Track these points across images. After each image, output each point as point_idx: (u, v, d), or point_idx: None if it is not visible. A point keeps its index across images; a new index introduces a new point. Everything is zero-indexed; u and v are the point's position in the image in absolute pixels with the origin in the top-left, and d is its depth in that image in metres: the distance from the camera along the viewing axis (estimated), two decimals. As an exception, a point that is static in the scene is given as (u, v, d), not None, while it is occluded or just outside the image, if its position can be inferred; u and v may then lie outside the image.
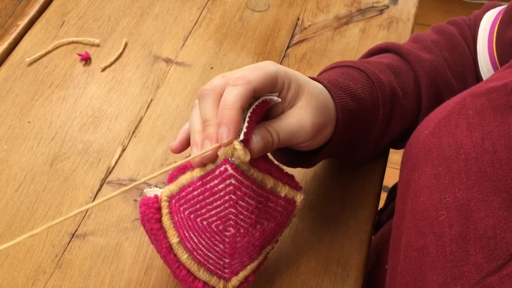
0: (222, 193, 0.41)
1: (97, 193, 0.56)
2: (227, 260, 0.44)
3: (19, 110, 0.63)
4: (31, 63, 0.67)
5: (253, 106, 0.40)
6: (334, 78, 0.48)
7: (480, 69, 0.56)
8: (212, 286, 0.45)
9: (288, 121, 0.42)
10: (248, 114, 0.40)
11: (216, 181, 0.40)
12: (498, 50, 0.54)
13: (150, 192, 0.46)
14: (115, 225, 0.54)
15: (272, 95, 0.42)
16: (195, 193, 0.41)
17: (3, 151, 0.59)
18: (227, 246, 0.43)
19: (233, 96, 0.38)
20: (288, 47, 0.71)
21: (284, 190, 0.43)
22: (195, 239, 0.43)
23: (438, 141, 0.39)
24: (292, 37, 0.72)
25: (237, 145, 0.39)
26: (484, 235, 0.33)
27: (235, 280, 0.45)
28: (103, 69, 0.67)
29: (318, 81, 0.47)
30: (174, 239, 0.43)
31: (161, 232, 0.43)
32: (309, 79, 0.45)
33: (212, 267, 0.44)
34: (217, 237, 0.42)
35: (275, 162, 0.46)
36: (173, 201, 0.43)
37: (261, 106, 0.42)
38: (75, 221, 0.54)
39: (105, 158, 0.59)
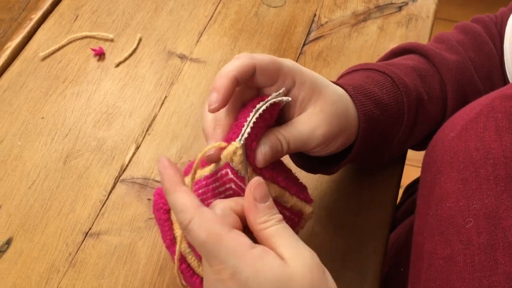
0: (222, 196, 0.40)
1: (110, 191, 0.56)
2: None
3: (33, 106, 0.62)
4: (44, 58, 0.67)
5: (260, 111, 0.39)
6: (359, 83, 0.47)
7: (507, 69, 0.54)
8: None
9: (300, 129, 0.41)
10: (254, 118, 0.38)
11: (217, 183, 0.40)
12: None
13: None
14: (128, 224, 0.54)
15: (279, 94, 0.40)
16: (200, 191, 0.41)
17: (17, 147, 0.59)
18: None
19: (230, 66, 0.38)
20: (304, 44, 0.70)
21: (291, 201, 0.42)
22: None
23: (465, 144, 0.37)
24: (308, 33, 0.71)
25: (237, 150, 0.38)
26: None
27: None
28: (117, 65, 0.66)
29: (341, 86, 0.45)
30: (178, 231, 0.43)
31: (167, 223, 0.43)
32: (329, 82, 0.44)
33: None
34: None
35: (286, 169, 0.45)
36: None
37: (270, 110, 0.40)
38: (89, 220, 0.54)
39: (119, 155, 0.59)
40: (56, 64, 0.66)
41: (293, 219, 0.43)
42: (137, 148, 0.59)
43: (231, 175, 0.39)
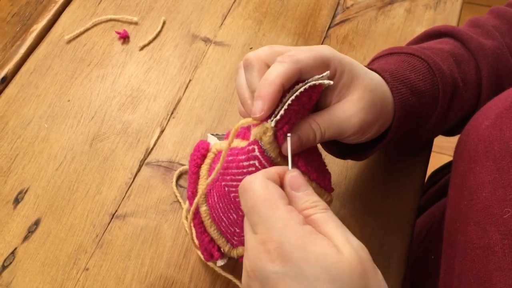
0: (245, 170, 0.40)
1: (136, 174, 0.56)
2: (237, 230, 0.44)
3: (59, 88, 0.63)
4: (69, 41, 0.67)
5: (297, 93, 0.38)
6: (395, 68, 0.45)
7: None
8: (218, 245, 0.45)
9: (337, 116, 0.40)
10: (289, 100, 0.38)
11: (243, 157, 0.40)
12: None
13: (211, 138, 0.47)
14: (154, 207, 0.54)
15: (322, 77, 0.39)
16: (229, 158, 0.42)
17: (44, 130, 0.59)
18: (239, 218, 0.43)
19: (275, 72, 0.37)
20: (329, 28, 0.69)
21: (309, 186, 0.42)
22: (215, 199, 0.43)
23: (500, 133, 0.36)
24: (333, 17, 0.70)
25: (267, 131, 0.38)
26: None
27: (241, 249, 0.45)
28: (141, 48, 0.66)
29: (377, 72, 0.44)
30: (201, 187, 0.44)
31: (194, 177, 0.45)
32: (366, 69, 0.43)
33: (223, 229, 0.44)
34: (232, 206, 0.42)
35: (313, 153, 0.44)
36: (217, 157, 0.44)
37: (310, 92, 0.39)
38: (115, 202, 0.54)
39: (144, 139, 0.59)
40: (81, 47, 0.66)
41: None
42: (162, 131, 0.60)
43: (257, 153, 0.39)
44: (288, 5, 0.71)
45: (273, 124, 0.38)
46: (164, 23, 0.68)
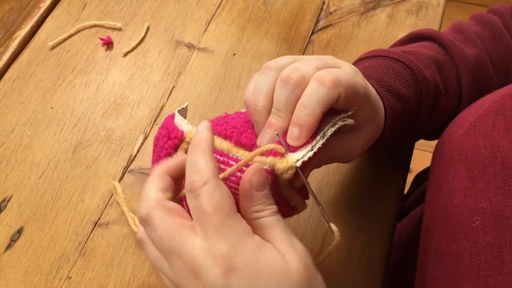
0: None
1: (119, 181, 0.56)
2: None
3: (42, 96, 0.63)
4: (53, 47, 0.67)
5: (327, 136, 0.36)
6: (380, 76, 0.46)
7: None
8: None
9: (340, 148, 0.40)
10: (319, 145, 0.36)
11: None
12: None
13: (180, 120, 0.42)
14: (137, 214, 0.54)
15: (347, 118, 0.38)
16: (222, 166, 0.38)
17: (27, 137, 0.59)
18: None
19: (317, 101, 0.35)
20: (312, 33, 0.69)
21: (295, 200, 0.41)
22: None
23: (473, 142, 0.37)
24: (317, 22, 0.70)
25: (292, 169, 0.35)
26: None
27: None
28: (125, 54, 0.66)
29: None
30: None
31: (170, 152, 0.41)
32: (376, 95, 0.42)
33: None
34: None
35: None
36: None
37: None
38: (98, 210, 0.54)
39: (127, 146, 0.59)
40: (65, 54, 0.66)
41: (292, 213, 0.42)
42: (145, 138, 0.60)
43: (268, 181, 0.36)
44: (272, 11, 0.71)
45: (299, 164, 0.36)
46: (148, 29, 0.69)
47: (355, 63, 0.52)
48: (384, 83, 0.45)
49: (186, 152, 0.40)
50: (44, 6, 0.70)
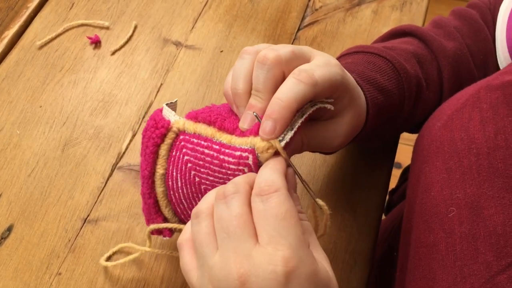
0: (229, 172, 0.40)
1: (108, 178, 0.57)
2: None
3: (31, 95, 0.63)
4: (41, 47, 0.67)
5: (306, 115, 0.38)
6: (362, 70, 0.46)
7: (497, 56, 0.55)
8: (171, 226, 0.45)
9: (323, 136, 0.41)
10: (298, 124, 0.37)
11: (231, 159, 0.39)
12: None
13: (168, 112, 0.43)
14: (126, 210, 0.55)
15: (327, 102, 0.39)
16: (206, 151, 0.40)
17: (16, 136, 0.60)
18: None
19: (293, 95, 0.35)
20: (298, 30, 0.70)
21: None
22: (179, 183, 0.43)
23: (450, 134, 0.38)
24: (303, 19, 0.71)
25: (272, 149, 0.37)
26: (494, 232, 0.33)
27: None
28: (113, 53, 0.67)
29: None
30: (161, 169, 0.43)
31: (152, 156, 0.43)
32: (355, 83, 0.43)
33: (179, 211, 0.45)
34: (199, 196, 0.42)
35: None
36: (181, 137, 0.42)
37: (312, 112, 0.39)
38: (87, 206, 0.55)
39: (116, 143, 0.60)
40: (53, 53, 0.67)
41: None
42: (134, 135, 0.60)
43: (250, 161, 0.38)
44: (258, 8, 0.72)
45: (283, 144, 0.37)
46: (135, 27, 0.69)
47: (337, 59, 0.52)
48: (365, 76, 0.46)
49: (173, 142, 0.42)
50: (32, 6, 0.71)
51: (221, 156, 0.39)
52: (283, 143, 0.37)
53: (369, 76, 0.46)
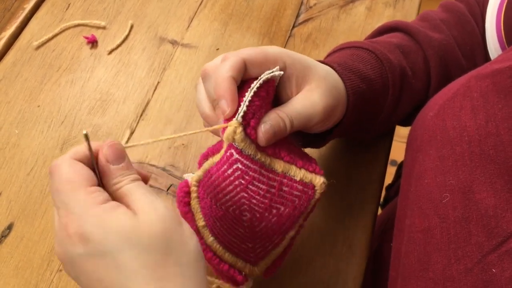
0: (232, 178, 0.41)
1: (107, 175, 0.58)
2: (250, 245, 0.44)
3: (29, 95, 0.64)
4: (38, 47, 0.68)
5: (254, 88, 0.40)
6: (344, 60, 0.48)
7: (488, 48, 0.56)
8: (239, 269, 0.45)
9: (302, 105, 0.42)
10: (249, 97, 0.39)
11: (225, 166, 0.41)
12: (506, 29, 0.54)
13: (187, 176, 0.46)
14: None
15: (273, 72, 0.41)
16: (213, 178, 0.42)
17: (15, 136, 0.60)
18: (246, 230, 0.43)
19: (223, 69, 0.39)
20: (293, 27, 0.71)
21: (299, 174, 0.42)
22: (217, 223, 0.43)
23: (443, 123, 0.39)
24: (297, 16, 0.72)
25: (236, 129, 0.39)
26: (485, 214, 0.34)
27: (262, 265, 0.45)
28: (110, 52, 0.68)
29: (327, 64, 0.46)
30: (200, 222, 0.44)
31: (189, 215, 0.44)
32: (316, 62, 0.45)
33: (236, 250, 0.44)
34: (236, 221, 0.42)
35: (291, 144, 0.45)
36: (200, 187, 0.43)
37: (266, 87, 0.41)
38: (86, 203, 0.56)
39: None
40: (50, 53, 0.67)
41: (307, 192, 0.43)
42: (132, 133, 0.61)
43: (236, 155, 0.40)
44: (253, 6, 0.73)
45: (239, 118, 0.39)
46: (131, 26, 0.70)
47: (324, 59, 0.53)
48: (346, 66, 0.47)
49: (198, 195, 0.44)
50: (28, 7, 0.71)
51: (219, 171, 0.42)
52: (239, 117, 0.39)
53: (351, 65, 0.47)
